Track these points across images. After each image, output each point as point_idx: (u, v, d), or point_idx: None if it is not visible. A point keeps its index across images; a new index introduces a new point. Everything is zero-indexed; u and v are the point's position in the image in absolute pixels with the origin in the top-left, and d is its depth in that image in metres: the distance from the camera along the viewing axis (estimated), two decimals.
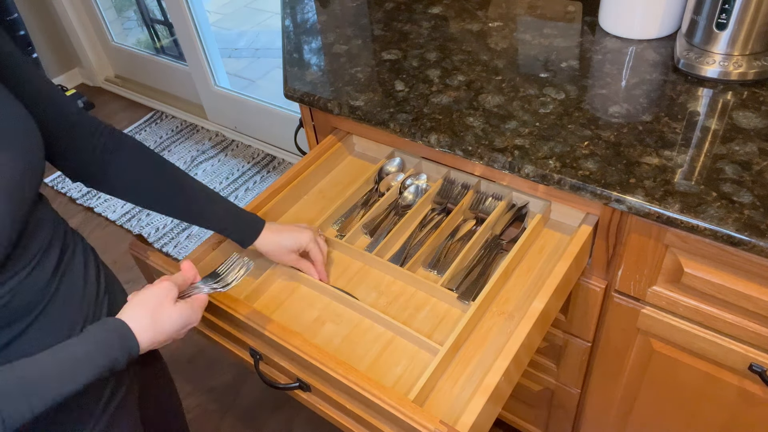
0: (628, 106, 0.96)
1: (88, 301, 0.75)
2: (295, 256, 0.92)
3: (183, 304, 0.71)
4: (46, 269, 0.69)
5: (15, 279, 0.65)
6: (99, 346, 0.63)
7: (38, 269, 0.68)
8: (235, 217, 0.89)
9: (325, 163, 1.14)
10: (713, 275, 0.85)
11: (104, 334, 0.64)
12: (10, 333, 0.65)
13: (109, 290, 0.81)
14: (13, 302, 0.65)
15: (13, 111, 0.64)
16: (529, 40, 1.16)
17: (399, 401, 0.69)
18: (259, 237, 0.89)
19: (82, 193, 2.54)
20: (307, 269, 0.93)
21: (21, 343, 0.66)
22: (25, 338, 0.66)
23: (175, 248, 2.22)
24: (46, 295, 0.69)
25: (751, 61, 0.95)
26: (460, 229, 1.01)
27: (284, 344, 0.77)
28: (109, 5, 3.00)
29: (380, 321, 0.87)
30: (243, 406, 1.72)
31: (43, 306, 0.68)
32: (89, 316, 0.75)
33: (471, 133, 0.96)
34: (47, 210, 0.73)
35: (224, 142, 2.68)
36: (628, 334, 1.02)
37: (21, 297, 0.65)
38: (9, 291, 0.64)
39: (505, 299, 0.89)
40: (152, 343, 0.68)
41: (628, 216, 0.88)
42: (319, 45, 1.25)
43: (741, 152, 0.85)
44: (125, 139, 0.82)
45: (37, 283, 0.67)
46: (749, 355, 0.89)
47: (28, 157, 0.64)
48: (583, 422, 1.25)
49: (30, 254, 0.67)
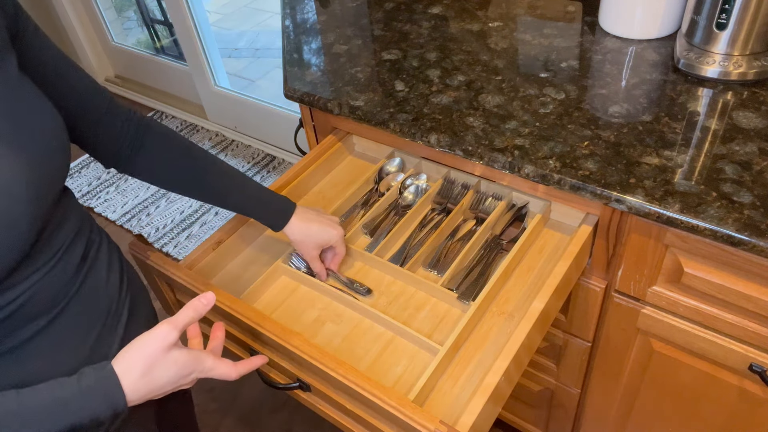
0: (628, 106, 0.96)
1: (110, 299, 0.74)
2: (317, 252, 0.92)
3: (182, 354, 0.64)
4: (70, 265, 0.68)
5: (37, 274, 0.64)
6: (84, 395, 0.59)
7: (61, 265, 0.67)
8: (265, 201, 0.89)
9: (325, 163, 1.14)
10: (713, 275, 0.85)
11: (93, 383, 0.60)
12: (33, 328, 0.64)
13: (131, 289, 0.80)
14: (36, 297, 0.64)
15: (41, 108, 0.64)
16: (529, 40, 1.16)
17: (399, 401, 0.69)
18: (289, 222, 0.89)
19: (82, 193, 2.54)
20: (319, 271, 0.93)
21: (43, 338, 0.65)
22: (47, 333, 0.66)
23: (175, 248, 2.22)
24: (69, 291, 0.68)
25: (751, 61, 0.95)
26: (460, 229, 1.01)
27: (284, 344, 0.77)
28: (109, 5, 3.00)
29: (380, 321, 0.87)
30: (243, 406, 1.72)
31: (66, 302, 0.67)
32: (111, 313, 0.74)
33: (471, 133, 0.96)
34: (72, 205, 0.72)
35: (224, 142, 2.68)
36: (628, 334, 1.02)
37: (44, 292, 0.64)
38: (31, 286, 0.63)
39: (505, 299, 0.89)
40: (146, 396, 0.63)
41: (628, 216, 0.88)
42: (319, 45, 1.25)
43: (741, 152, 0.85)
44: (153, 125, 0.83)
45: (60, 279, 0.66)
46: (749, 355, 0.89)
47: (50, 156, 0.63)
48: (583, 422, 1.25)
49: (53, 250, 0.66)
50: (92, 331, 0.71)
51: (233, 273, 0.98)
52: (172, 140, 0.84)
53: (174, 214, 2.37)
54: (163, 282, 0.94)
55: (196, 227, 2.30)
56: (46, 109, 0.65)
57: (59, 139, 0.65)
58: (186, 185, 0.86)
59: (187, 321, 0.66)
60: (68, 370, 0.64)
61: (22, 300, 0.62)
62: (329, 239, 0.91)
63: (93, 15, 2.97)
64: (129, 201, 2.46)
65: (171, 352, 0.63)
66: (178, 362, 0.64)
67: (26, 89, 0.63)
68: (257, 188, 0.89)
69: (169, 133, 0.84)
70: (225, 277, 0.98)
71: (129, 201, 2.46)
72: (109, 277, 0.75)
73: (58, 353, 0.67)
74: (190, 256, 0.94)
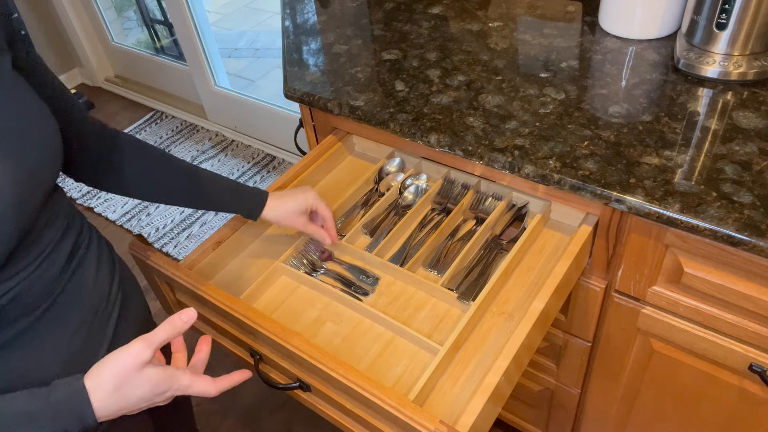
0: (628, 106, 0.96)
1: (100, 297, 0.74)
2: (304, 218, 0.94)
3: (156, 372, 0.63)
4: (57, 263, 0.68)
5: (23, 273, 0.63)
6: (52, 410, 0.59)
7: (46, 264, 0.66)
8: (238, 193, 0.91)
9: (325, 163, 1.14)
10: (713, 275, 0.85)
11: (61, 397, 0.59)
12: (18, 327, 0.64)
13: (123, 288, 0.79)
14: (21, 297, 0.63)
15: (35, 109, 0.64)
16: (529, 40, 1.16)
17: (399, 401, 0.69)
18: (265, 207, 0.91)
19: (81, 193, 2.54)
20: (316, 233, 0.95)
21: (27, 338, 0.65)
22: (32, 332, 0.65)
23: (175, 248, 2.22)
24: (55, 289, 0.67)
25: (751, 61, 0.95)
26: (460, 229, 1.01)
27: (284, 344, 0.77)
28: (109, 5, 3.00)
29: (380, 321, 0.87)
30: (243, 406, 1.72)
31: (52, 300, 0.67)
32: (100, 312, 0.73)
33: (471, 133, 0.96)
34: (61, 204, 0.72)
35: (224, 142, 2.68)
36: (628, 334, 1.02)
37: (29, 291, 0.64)
38: (16, 285, 0.63)
39: (505, 299, 0.89)
40: (118, 412, 0.62)
41: (628, 216, 0.87)
42: (319, 45, 1.25)
43: (741, 152, 0.85)
44: (124, 137, 0.83)
45: (46, 278, 0.66)
46: (749, 355, 0.89)
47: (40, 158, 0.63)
48: (583, 422, 1.25)
49: (39, 248, 0.66)
50: (80, 331, 0.70)
51: (233, 273, 0.98)
52: (142, 151, 0.84)
53: (174, 214, 2.37)
54: (163, 282, 0.94)
55: (196, 227, 2.30)
56: (41, 110, 0.64)
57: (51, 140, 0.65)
58: (158, 193, 0.86)
59: (163, 338, 0.64)
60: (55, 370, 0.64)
61: (5, 300, 0.62)
62: (305, 203, 0.93)
63: (93, 15, 2.97)
64: (129, 201, 2.46)
65: (144, 370, 0.62)
66: (152, 380, 0.62)
67: (21, 89, 0.63)
68: (228, 181, 0.92)
69: (139, 143, 0.84)
70: (225, 277, 0.98)
71: (129, 201, 2.46)
72: (98, 276, 0.74)
73: (44, 353, 0.66)
74: (190, 256, 0.94)
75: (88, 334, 0.71)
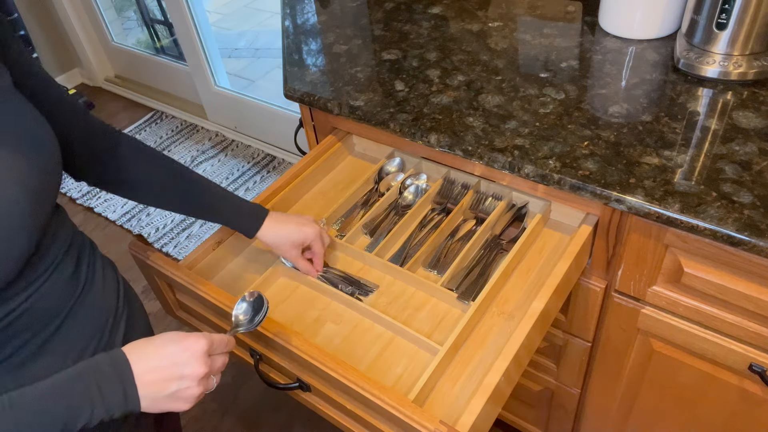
0: (628, 106, 0.96)
1: (108, 311, 0.74)
2: (298, 252, 0.92)
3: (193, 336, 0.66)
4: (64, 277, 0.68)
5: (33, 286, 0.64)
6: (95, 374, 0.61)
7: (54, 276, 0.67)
8: (236, 207, 0.89)
9: (325, 163, 1.14)
10: (713, 275, 0.85)
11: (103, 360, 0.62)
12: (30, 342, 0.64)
13: (128, 300, 0.80)
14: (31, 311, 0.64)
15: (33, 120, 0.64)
16: (529, 40, 1.16)
17: (399, 401, 0.69)
18: (262, 227, 0.89)
19: (82, 193, 2.54)
20: (304, 268, 0.93)
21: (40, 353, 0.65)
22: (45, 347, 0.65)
23: (175, 248, 2.22)
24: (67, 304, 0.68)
25: (751, 61, 0.95)
26: (460, 229, 1.01)
27: (284, 344, 0.77)
28: (109, 5, 3.00)
29: (380, 321, 0.87)
30: (243, 406, 1.72)
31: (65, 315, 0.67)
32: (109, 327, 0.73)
33: (471, 133, 0.96)
34: (62, 218, 0.72)
35: (224, 142, 2.68)
36: (628, 334, 1.02)
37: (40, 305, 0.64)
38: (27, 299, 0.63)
39: (505, 299, 0.89)
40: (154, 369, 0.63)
41: (628, 216, 0.87)
42: (319, 45, 1.25)
43: (741, 152, 0.85)
44: (125, 139, 0.83)
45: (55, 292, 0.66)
46: (749, 355, 0.89)
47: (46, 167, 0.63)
48: (583, 422, 1.25)
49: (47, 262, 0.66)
50: (89, 347, 0.70)
51: (233, 273, 0.98)
52: (144, 153, 0.84)
53: (174, 214, 2.37)
54: (163, 282, 0.94)
55: (196, 227, 2.29)
56: (41, 122, 0.65)
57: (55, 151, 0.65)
58: (156, 197, 0.86)
59: (218, 340, 0.68)
60: None
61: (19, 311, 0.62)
62: (304, 237, 0.90)
63: (93, 15, 2.97)
64: (129, 201, 2.46)
65: (188, 336, 0.65)
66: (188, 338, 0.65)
67: (22, 103, 0.64)
68: (229, 196, 0.90)
69: (141, 145, 0.84)
70: (225, 277, 0.98)
71: (129, 201, 2.46)
72: (105, 288, 0.75)
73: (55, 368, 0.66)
74: (190, 256, 0.94)
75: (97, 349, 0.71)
